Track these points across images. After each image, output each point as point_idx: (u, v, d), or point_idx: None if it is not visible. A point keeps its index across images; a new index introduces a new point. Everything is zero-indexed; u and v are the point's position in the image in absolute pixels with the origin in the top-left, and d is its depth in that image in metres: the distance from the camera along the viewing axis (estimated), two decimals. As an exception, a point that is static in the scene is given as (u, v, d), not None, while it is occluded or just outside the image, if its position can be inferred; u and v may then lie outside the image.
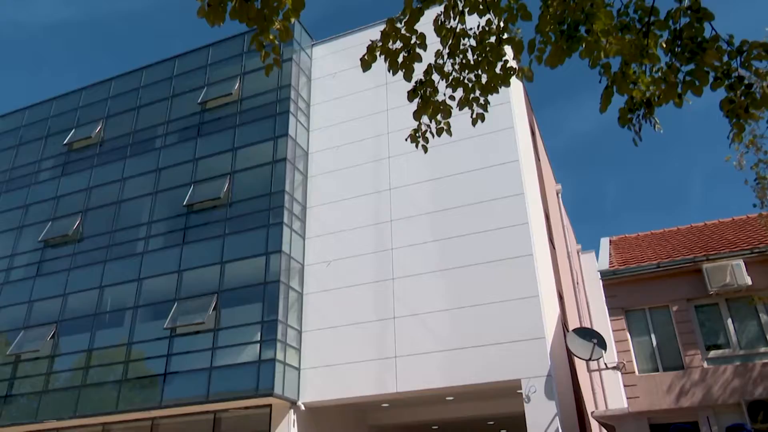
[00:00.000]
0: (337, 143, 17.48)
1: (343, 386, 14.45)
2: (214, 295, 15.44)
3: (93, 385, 15.87)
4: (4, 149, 21.78)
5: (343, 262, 15.76)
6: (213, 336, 14.99)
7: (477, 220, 14.83)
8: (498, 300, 13.79)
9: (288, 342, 14.76)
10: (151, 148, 18.84)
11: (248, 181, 16.80)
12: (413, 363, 13.92)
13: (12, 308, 18.19)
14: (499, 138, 15.53)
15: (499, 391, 14.57)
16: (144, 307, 16.40)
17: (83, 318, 16.94)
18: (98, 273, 17.37)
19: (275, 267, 15.16)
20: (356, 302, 15.11)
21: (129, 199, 18.32)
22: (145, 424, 15.59)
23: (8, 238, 19.75)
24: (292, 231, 16.01)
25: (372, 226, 15.92)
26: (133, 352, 15.85)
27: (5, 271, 19.09)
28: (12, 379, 17.07)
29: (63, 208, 19.20)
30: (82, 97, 21.36)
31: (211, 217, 16.70)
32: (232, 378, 14.40)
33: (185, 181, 17.58)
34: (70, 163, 20.11)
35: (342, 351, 14.70)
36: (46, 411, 16.06)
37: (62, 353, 16.82)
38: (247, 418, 14.79)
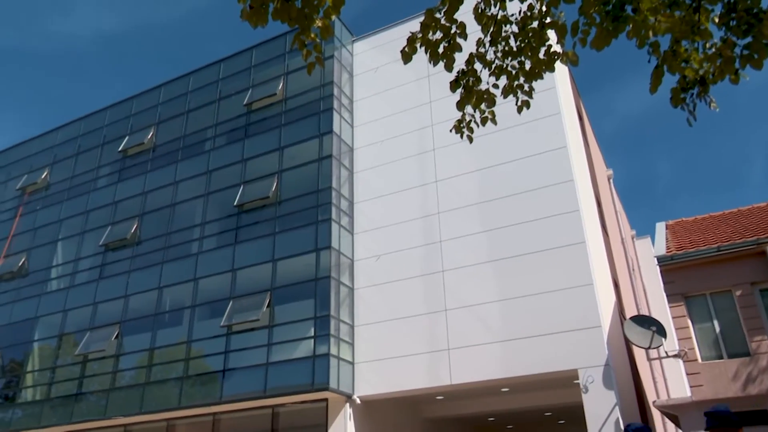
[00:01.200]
0: (382, 138, 17.51)
1: (397, 380, 14.51)
2: (267, 293, 15.73)
3: (156, 383, 16.44)
4: (65, 158, 22.73)
5: (391, 256, 15.81)
6: (268, 332, 15.29)
7: (526, 209, 14.61)
8: (551, 289, 13.56)
9: (341, 337, 14.92)
10: (201, 151, 19.32)
11: (295, 179, 17.02)
12: (466, 355, 13.86)
13: (78, 310, 19.01)
14: (545, 124, 15.24)
15: (555, 382, 14.36)
16: (201, 306, 16.87)
17: (144, 318, 17.56)
18: (156, 274, 17.95)
19: (325, 263, 15.33)
20: (406, 296, 15.14)
21: (182, 201, 18.85)
22: (206, 419, 16.05)
23: (72, 243, 20.63)
24: (340, 227, 16.15)
25: (419, 219, 15.90)
26: (193, 350, 16.33)
27: (71, 275, 19.95)
28: (81, 378, 17.85)
29: (121, 213, 19.92)
30: (133, 104, 22.07)
31: (261, 216, 17.02)
32: (288, 373, 14.67)
33: (235, 181, 17.95)
34: (126, 169, 20.83)
35: (394, 344, 14.76)
36: (113, 408, 16.74)
37: (126, 352, 17.48)
38: (305, 412, 15.04)
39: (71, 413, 17.43)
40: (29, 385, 18.97)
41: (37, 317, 19.78)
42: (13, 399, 19.03)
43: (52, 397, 18.09)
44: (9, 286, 21.14)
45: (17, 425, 18.35)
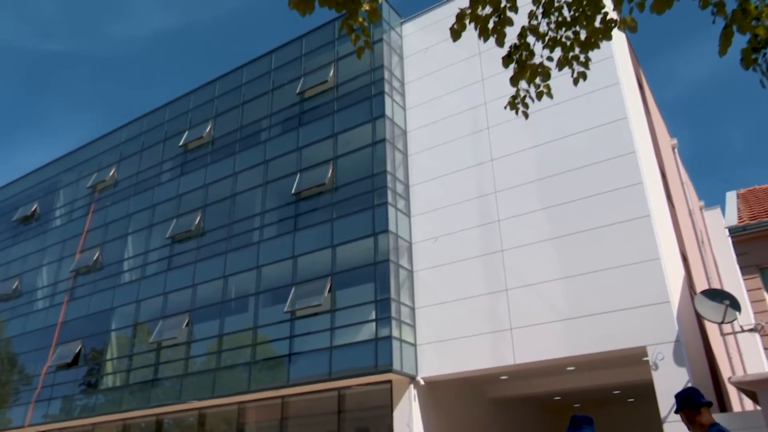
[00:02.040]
0: (435, 119, 17.37)
1: (460, 360, 14.51)
2: (328, 278, 15.98)
3: (226, 368, 17.04)
4: (130, 155, 23.65)
5: (449, 237, 15.73)
6: (330, 317, 15.55)
7: (587, 184, 14.22)
8: (616, 265, 13.20)
9: (402, 319, 15.02)
10: (258, 142, 19.70)
11: (350, 164, 17.14)
12: (530, 334, 13.70)
13: (150, 300, 19.87)
14: (604, 96, 14.74)
15: (623, 359, 14.03)
16: (265, 293, 17.31)
17: (212, 306, 18.18)
18: (221, 263, 18.52)
19: (384, 247, 15.42)
20: (466, 277, 15.06)
21: (242, 191, 19.31)
22: (275, 402, 16.54)
23: (141, 237, 21.53)
24: (397, 210, 16.18)
25: (476, 199, 15.74)
26: (259, 336, 16.81)
27: (141, 267, 20.84)
28: (156, 364, 18.70)
29: (185, 206, 20.60)
30: (191, 100, 22.69)
31: (319, 203, 17.24)
32: (351, 356, 14.90)
33: (291, 170, 18.23)
34: (187, 162, 21.49)
35: (456, 325, 14.75)
36: (187, 392, 17.47)
37: (197, 339, 18.17)
38: (370, 394, 15.27)
39: (149, 398, 18.31)
40: (109, 372, 20.03)
41: (113, 308, 20.80)
42: (96, 386, 20.14)
43: (131, 383, 19.04)
44: (86, 280, 22.29)
45: (100, 410, 19.44)
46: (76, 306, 21.95)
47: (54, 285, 23.50)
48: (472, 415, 16.87)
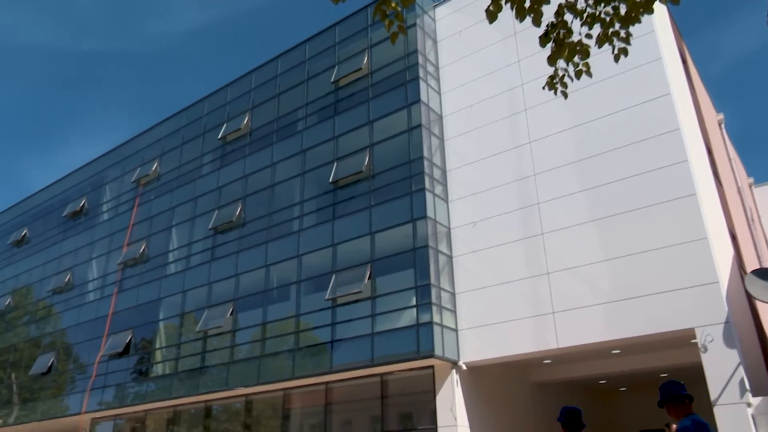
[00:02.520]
0: (471, 102, 17.19)
1: (502, 345, 14.45)
2: (367, 265, 16.07)
3: (270, 355, 17.36)
4: (171, 149, 24.15)
5: (489, 221, 15.62)
6: (371, 303, 15.66)
7: (629, 164, 13.89)
8: (661, 246, 12.89)
9: (443, 305, 15.02)
10: (294, 132, 19.85)
11: (387, 151, 17.13)
12: (573, 317, 13.53)
13: (195, 290, 20.36)
14: (645, 72, 14.32)
15: (670, 342, 13.74)
16: (306, 281, 17.53)
17: (255, 295, 18.52)
18: (262, 253, 18.82)
19: (422, 232, 15.40)
20: (507, 261, 14.94)
21: (281, 181, 19.53)
22: (319, 388, 16.79)
23: (184, 229, 22.03)
24: (434, 196, 16.12)
25: (515, 182, 15.56)
26: (301, 323, 17.06)
27: (186, 258, 21.35)
28: (203, 352, 19.19)
29: (225, 197, 20.97)
30: (228, 92, 22.99)
31: (356, 191, 17.31)
32: (393, 342, 14.99)
33: (328, 158, 18.34)
34: (227, 155, 21.83)
35: (497, 310, 14.67)
36: (234, 379, 17.89)
37: (241, 327, 18.56)
38: (412, 379, 15.36)
39: (197, 385, 18.82)
40: (159, 361, 20.65)
41: (160, 298, 21.40)
42: (146, 374, 20.80)
43: (180, 371, 19.60)
44: (133, 272, 22.97)
45: (152, 397, 20.09)
46: (126, 297, 22.66)
47: (104, 277, 24.29)
48: (516, 399, 16.81)
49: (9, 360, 26.93)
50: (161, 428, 20.70)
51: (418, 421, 15.29)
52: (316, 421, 16.91)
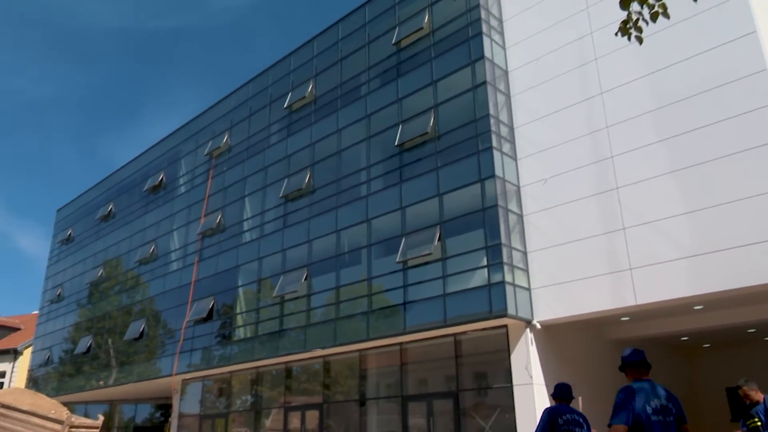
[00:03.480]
0: (537, 55, 16.59)
1: (576, 303, 14.20)
2: (436, 227, 16.06)
3: (345, 318, 17.81)
4: (240, 121, 24.75)
5: (560, 178, 15.20)
6: (441, 265, 15.69)
7: (711, 110, 13.08)
8: (747, 196, 12.16)
9: (515, 264, 14.86)
10: (358, 96, 19.85)
11: (452, 111, 16.87)
12: (652, 273, 13.09)
13: (270, 257, 21.03)
14: (728, 9, 13.32)
15: (758, 296, 13.09)
16: (376, 245, 17.74)
17: (327, 260, 18.94)
18: (332, 219, 19.14)
19: (491, 192, 15.19)
20: (580, 217, 14.55)
21: (347, 147, 19.67)
22: (394, 348, 17.13)
23: (257, 198, 22.68)
24: (502, 154, 15.81)
25: (587, 136, 15.01)
26: (374, 286, 17.34)
27: (260, 227, 22.03)
28: (281, 316, 19.91)
29: (294, 165, 21.36)
30: (291, 61, 23.18)
31: (423, 153, 17.21)
32: (465, 302, 15.02)
33: (393, 121, 18.26)
34: (293, 123, 22.15)
35: (571, 268, 14.38)
36: (311, 341, 18.51)
37: (316, 292, 19.08)
38: (486, 339, 15.39)
39: (277, 347, 19.60)
40: (240, 325, 21.62)
41: (238, 266, 22.26)
42: (230, 337, 21.84)
43: (260, 334, 20.46)
44: (211, 241, 23.95)
45: (235, 359, 21.12)
46: (206, 265, 23.72)
47: (185, 247, 25.48)
48: (593, 357, 16.56)
49: (105, 327, 28.91)
50: (246, 388, 21.80)
51: (493, 380, 15.37)
52: (392, 381, 17.31)
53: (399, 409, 16.70)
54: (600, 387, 15.76)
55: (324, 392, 18.99)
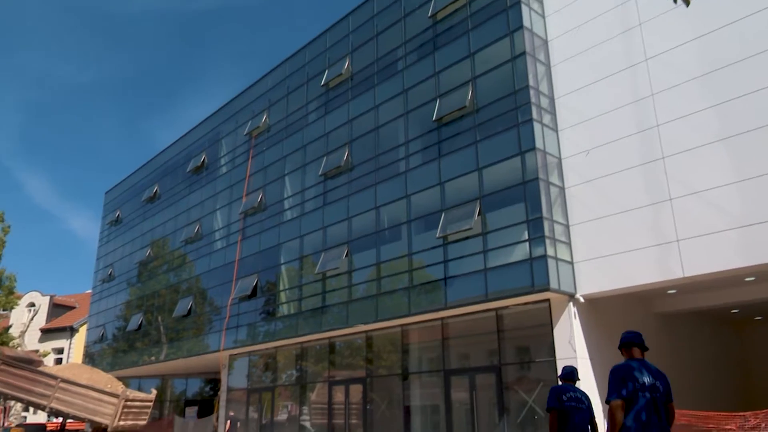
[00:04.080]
0: (578, 22, 16.10)
1: (621, 276, 13.95)
2: (476, 201, 15.94)
3: (386, 293, 17.94)
4: (278, 100, 24.91)
5: (602, 149, 14.84)
6: (482, 239, 15.60)
7: (761, 75, 12.50)
8: (802, 162, 11.65)
9: (557, 237, 14.66)
10: (395, 72, 19.69)
11: (490, 83, 16.59)
12: (700, 245, 12.72)
13: (311, 235, 21.28)
14: (782, -34, 12.63)
15: (814, 267, 12.59)
16: (416, 221, 17.74)
17: (368, 236, 19.05)
18: (372, 195, 19.19)
19: (532, 165, 14.95)
20: (624, 189, 14.21)
21: (385, 123, 19.60)
22: (436, 323, 17.20)
23: (296, 176, 22.89)
24: (543, 126, 15.51)
25: (630, 104, 14.57)
26: (414, 262, 17.38)
27: (300, 205, 22.27)
28: (323, 293, 20.18)
29: (333, 143, 21.43)
30: (327, 38, 23.11)
31: (461, 127, 17.02)
32: (506, 277, 14.93)
33: (431, 96, 18.08)
34: (330, 101, 22.17)
35: (615, 240, 14.10)
36: (354, 317, 18.74)
37: (357, 268, 19.24)
38: (528, 313, 15.30)
39: (320, 323, 19.93)
40: (284, 302, 22.03)
41: (280, 244, 22.61)
42: (274, 314, 22.30)
43: (303, 311, 20.81)
44: (254, 220, 24.36)
45: (280, 335, 21.57)
46: (249, 244, 24.17)
47: (228, 227, 26.00)
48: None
49: (154, 304, 29.88)
50: (291, 363, 22.29)
51: (536, 354, 15.31)
52: (434, 355, 17.42)
53: (441, 383, 16.83)
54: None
55: (367, 366, 19.27)
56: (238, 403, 24.11)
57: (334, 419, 19.84)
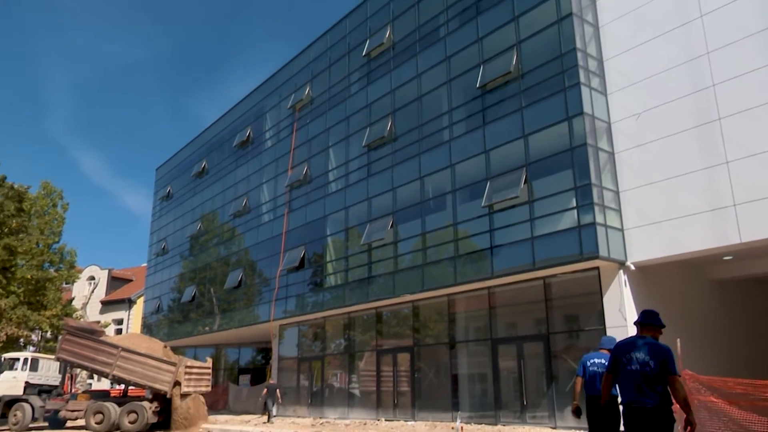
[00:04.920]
0: (628, -21, 15.41)
1: (674, 242, 13.55)
2: (522, 169, 15.68)
3: (432, 263, 17.96)
4: (320, 72, 24.89)
5: (654, 111, 14.31)
6: (529, 208, 15.38)
7: (829, 26, 11.76)
8: None
9: (606, 204, 14.32)
10: (437, 39, 19.37)
11: (536, 47, 16.14)
12: (758, 209, 12.21)
13: (356, 206, 21.41)
14: None
15: None
16: (461, 190, 17.60)
17: (412, 207, 19.04)
18: (416, 165, 19.11)
19: (579, 130, 14.57)
20: (677, 152, 13.71)
21: (428, 92, 19.37)
22: (482, 293, 17.16)
23: (341, 148, 22.96)
24: (590, 89, 15.04)
25: (683, 64, 13.96)
26: (460, 231, 17.31)
27: (345, 177, 22.38)
28: (369, 263, 20.36)
29: (375, 113, 21.35)
30: (368, 7, 22.86)
31: (506, 93, 16.68)
32: (554, 245, 14.72)
33: (474, 63, 17.74)
34: (372, 71, 22.02)
35: (668, 206, 13.68)
36: (400, 287, 18.87)
37: (402, 239, 19.30)
38: (577, 282, 15.09)
39: (367, 294, 20.15)
40: (330, 273, 22.34)
41: (326, 215, 22.84)
42: (321, 285, 22.66)
43: (350, 281, 21.07)
44: (300, 192, 24.64)
45: (328, 305, 21.94)
46: (295, 216, 24.51)
47: (274, 200, 26.39)
48: (693, 298, 15.88)
49: (206, 277, 30.77)
50: (339, 332, 22.69)
51: (585, 323, 15.13)
52: (481, 324, 17.43)
53: (489, 351, 16.85)
54: (700, 329, 15.18)
55: (414, 336, 19.44)
56: (289, 372, 24.77)
57: (383, 387, 20.19)
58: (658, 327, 5.52)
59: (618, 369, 5.35)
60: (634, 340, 5.41)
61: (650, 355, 5.17)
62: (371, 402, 20.39)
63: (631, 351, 5.30)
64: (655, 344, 5.29)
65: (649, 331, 5.48)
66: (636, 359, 5.21)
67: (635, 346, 5.30)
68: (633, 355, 5.25)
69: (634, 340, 5.41)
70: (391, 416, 19.26)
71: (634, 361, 5.22)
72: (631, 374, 5.20)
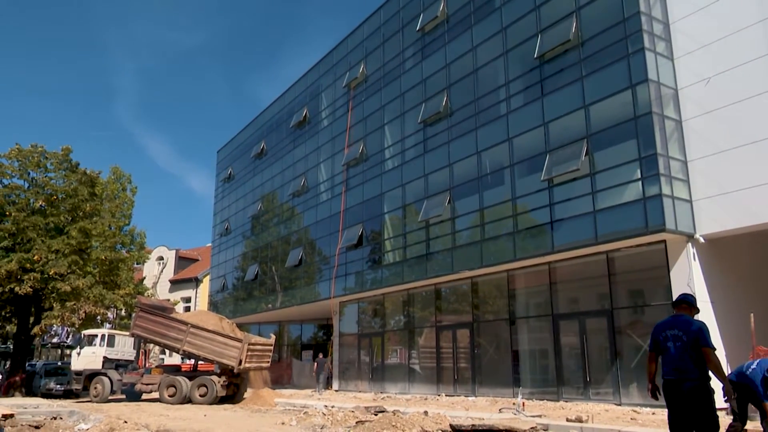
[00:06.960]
0: (697, -65, 14.53)
1: (748, 213, 12.89)
2: (583, 141, 15.21)
3: (491, 239, 17.76)
4: (374, 49, 24.76)
5: (725, 75, 13.54)
6: (590, 180, 14.93)
7: None
8: None
9: (672, 174, 13.74)
10: (492, 9, 18.88)
11: (596, 12, 15.50)
12: (842, 176, 11.43)
13: (413, 183, 21.35)
14: None
15: None
16: (519, 164, 17.25)
17: (470, 182, 18.82)
18: (472, 140, 18.84)
19: (644, 98, 13.96)
20: (750, 118, 12.95)
21: (483, 65, 18.98)
22: (542, 268, 16.87)
23: (396, 125, 22.88)
24: (656, 54, 14.36)
25: (758, 23, 13.11)
26: (518, 206, 17.01)
27: (401, 154, 22.31)
28: (427, 240, 20.33)
29: (430, 89, 21.11)
30: (421, -20, 22.48)
31: (565, 62, 16.14)
32: (618, 218, 14.27)
33: (531, 32, 17.23)
34: (427, 46, 21.73)
35: (740, 175, 12.99)
36: (458, 263, 18.78)
37: (460, 215, 19.15)
38: (641, 256, 14.61)
39: (425, 270, 20.16)
40: (389, 250, 22.44)
41: (383, 193, 22.89)
42: (380, 262, 22.82)
43: (408, 258, 21.12)
44: (356, 171, 24.76)
45: (387, 282, 22.10)
46: (353, 194, 24.68)
47: (332, 178, 26.64)
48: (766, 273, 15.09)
49: (268, 256, 31.52)
50: (398, 309, 22.85)
51: (650, 298, 14.67)
52: (541, 300, 17.16)
53: (550, 327, 16.60)
54: (776, 303, 14.42)
55: (473, 312, 19.36)
56: (350, 347, 25.19)
57: (443, 363, 20.25)
58: (693, 305, 5.79)
59: (658, 347, 5.68)
60: (670, 319, 5.71)
61: (683, 331, 5.49)
62: (431, 378, 20.51)
63: (667, 329, 5.63)
64: (688, 320, 5.58)
65: (684, 309, 5.77)
66: (671, 336, 5.54)
67: (670, 325, 5.63)
68: (668, 332, 5.58)
69: (670, 319, 5.72)
70: (451, 392, 19.34)
71: (670, 338, 5.54)
72: (667, 351, 5.52)
